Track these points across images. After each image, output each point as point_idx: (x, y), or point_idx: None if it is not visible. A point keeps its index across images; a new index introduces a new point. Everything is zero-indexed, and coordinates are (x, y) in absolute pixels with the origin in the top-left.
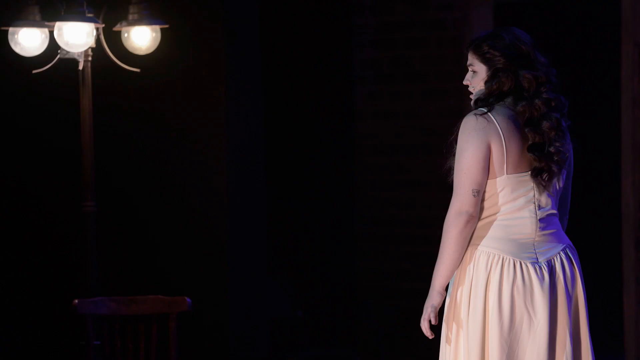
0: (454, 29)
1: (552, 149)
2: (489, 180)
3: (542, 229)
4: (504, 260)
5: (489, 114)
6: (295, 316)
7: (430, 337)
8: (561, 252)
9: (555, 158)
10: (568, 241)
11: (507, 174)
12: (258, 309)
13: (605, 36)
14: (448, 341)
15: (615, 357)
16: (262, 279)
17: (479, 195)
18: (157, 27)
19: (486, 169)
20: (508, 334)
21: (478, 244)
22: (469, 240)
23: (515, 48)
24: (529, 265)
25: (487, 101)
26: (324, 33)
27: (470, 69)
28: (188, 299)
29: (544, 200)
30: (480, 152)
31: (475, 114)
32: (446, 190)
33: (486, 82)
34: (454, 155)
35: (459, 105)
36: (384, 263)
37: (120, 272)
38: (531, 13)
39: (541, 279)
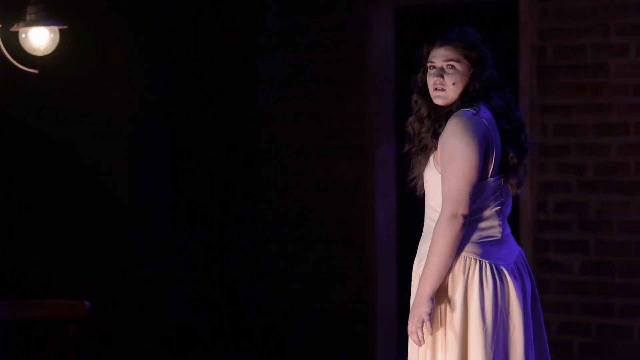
0: (355, 32)
1: (524, 140)
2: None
3: (505, 231)
4: (482, 264)
5: (480, 114)
6: (198, 319)
7: (420, 346)
8: (520, 255)
9: (525, 152)
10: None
11: (490, 176)
12: (160, 312)
13: (503, 39)
14: (436, 350)
15: None
16: (165, 282)
17: (472, 198)
18: (56, 28)
19: (479, 171)
20: (492, 338)
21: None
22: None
23: (488, 46)
24: (503, 269)
25: (474, 99)
26: (228, 35)
27: (446, 64)
28: (87, 303)
29: (507, 201)
30: (478, 153)
31: (468, 114)
32: (349, 190)
33: (474, 79)
34: (424, 151)
35: (361, 108)
36: (288, 265)
37: (25, 274)
38: (431, 16)
39: (514, 281)
